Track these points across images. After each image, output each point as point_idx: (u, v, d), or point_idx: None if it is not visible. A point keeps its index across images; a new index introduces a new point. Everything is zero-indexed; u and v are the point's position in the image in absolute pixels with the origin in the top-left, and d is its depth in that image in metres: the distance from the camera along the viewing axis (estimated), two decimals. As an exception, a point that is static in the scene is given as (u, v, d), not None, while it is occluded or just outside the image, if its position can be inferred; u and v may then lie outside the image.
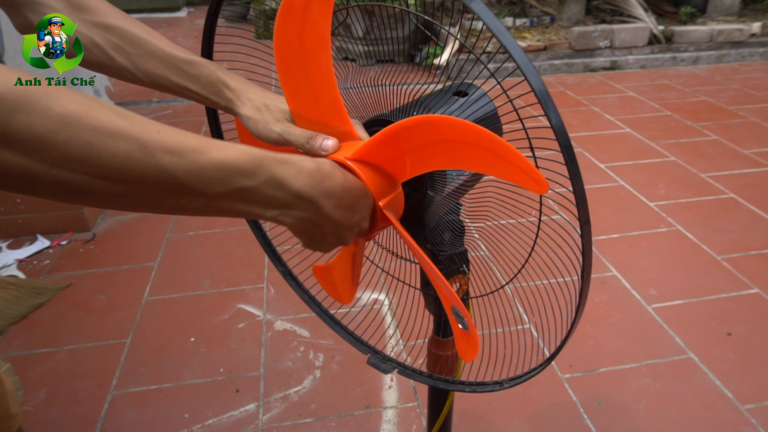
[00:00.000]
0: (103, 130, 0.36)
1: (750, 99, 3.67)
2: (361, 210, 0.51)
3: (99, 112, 0.36)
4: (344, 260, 0.67)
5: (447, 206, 0.64)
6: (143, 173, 0.37)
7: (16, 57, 2.70)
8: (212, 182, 0.40)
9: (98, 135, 0.36)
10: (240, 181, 0.41)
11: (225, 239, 2.27)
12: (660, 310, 1.81)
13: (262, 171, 0.42)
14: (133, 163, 0.37)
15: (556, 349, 0.56)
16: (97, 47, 0.60)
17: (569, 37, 4.41)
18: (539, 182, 0.44)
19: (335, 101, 0.55)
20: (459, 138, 0.47)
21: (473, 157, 0.48)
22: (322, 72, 0.53)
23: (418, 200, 0.61)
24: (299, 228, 0.49)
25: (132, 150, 0.37)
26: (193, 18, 6.93)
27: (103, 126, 0.36)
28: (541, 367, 0.59)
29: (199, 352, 1.69)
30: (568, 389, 1.53)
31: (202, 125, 3.43)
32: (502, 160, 0.46)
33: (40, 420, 1.47)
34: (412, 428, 1.43)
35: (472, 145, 0.47)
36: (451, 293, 0.57)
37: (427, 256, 0.55)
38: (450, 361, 0.77)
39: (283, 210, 0.45)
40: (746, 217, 2.32)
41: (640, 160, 2.86)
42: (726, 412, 1.45)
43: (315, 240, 0.51)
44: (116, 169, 0.37)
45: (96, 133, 0.36)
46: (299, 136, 0.56)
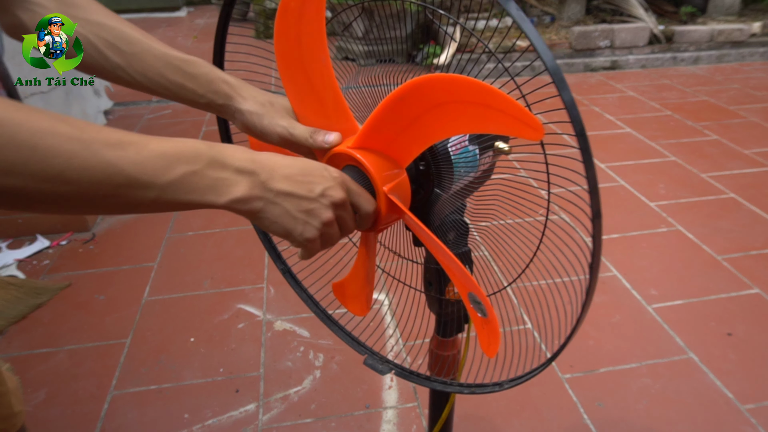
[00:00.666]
0: (45, 132, 0.36)
1: (750, 99, 3.67)
2: (318, 178, 0.50)
3: (39, 117, 0.37)
4: (358, 269, 0.66)
5: (452, 205, 0.63)
6: (90, 169, 0.38)
7: (16, 57, 2.70)
8: (157, 171, 0.41)
9: (40, 137, 0.36)
10: (183, 167, 0.42)
11: (225, 239, 2.27)
12: (660, 310, 1.81)
13: (202, 155, 0.43)
14: (79, 161, 0.37)
15: (558, 349, 0.56)
16: (90, 45, 0.59)
17: (569, 37, 4.41)
18: (535, 127, 0.43)
19: (336, 98, 0.55)
20: (450, 98, 0.46)
21: (467, 116, 0.47)
22: (322, 70, 0.53)
23: (424, 198, 0.60)
24: (260, 215, 0.47)
25: (76, 149, 0.37)
26: (193, 18, 6.93)
27: (44, 129, 0.36)
28: (542, 368, 0.59)
29: (199, 352, 1.69)
30: (568, 389, 1.52)
31: (202, 125, 3.43)
32: (496, 112, 0.44)
33: (40, 420, 1.47)
34: (412, 428, 1.43)
35: (464, 102, 0.46)
36: (467, 278, 0.56)
37: (440, 240, 0.54)
38: (450, 361, 0.76)
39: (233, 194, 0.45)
40: (746, 217, 2.32)
41: (640, 160, 2.86)
42: (726, 412, 1.45)
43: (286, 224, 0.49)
44: (61, 169, 0.37)
45: (37, 136, 0.36)
46: (304, 131, 0.57)
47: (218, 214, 2.44)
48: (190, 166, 0.42)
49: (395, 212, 0.55)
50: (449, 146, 0.58)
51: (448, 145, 0.58)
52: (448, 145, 0.58)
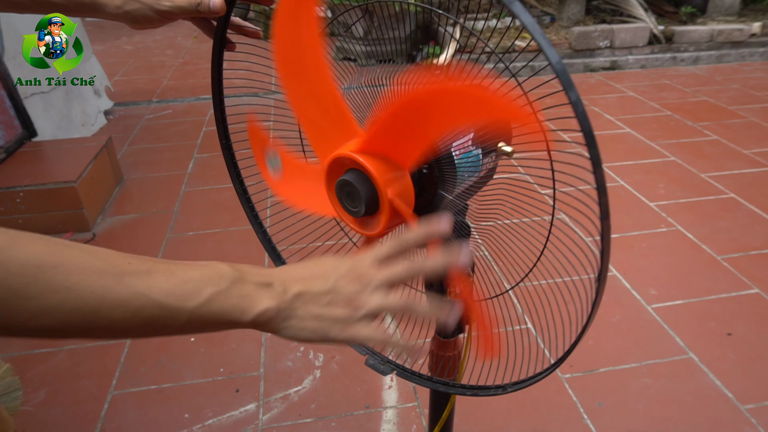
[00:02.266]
0: (80, 271, 0.37)
1: (750, 99, 3.67)
2: (330, 270, 0.48)
3: (72, 256, 0.37)
4: None
5: (456, 207, 0.63)
6: (123, 302, 0.39)
7: (16, 57, 2.70)
8: (187, 295, 0.42)
9: (75, 278, 0.37)
10: (210, 289, 0.43)
11: (225, 239, 2.27)
12: (660, 310, 1.81)
13: (226, 275, 0.44)
14: (113, 296, 0.38)
15: (565, 352, 0.56)
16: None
17: (569, 37, 4.41)
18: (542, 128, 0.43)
19: (336, 100, 0.55)
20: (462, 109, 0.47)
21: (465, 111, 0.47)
22: (320, 72, 0.53)
23: (428, 200, 0.60)
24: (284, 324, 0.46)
25: (109, 284, 0.38)
26: (193, 17, 6.92)
27: (78, 268, 0.37)
28: (546, 372, 0.59)
29: (199, 352, 1.69)
30: (568, 389, 1.52)
31: (202, 126, 3.43)
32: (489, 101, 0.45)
33: (40, 420, 1.47)
34: (412, 428, 1.43)
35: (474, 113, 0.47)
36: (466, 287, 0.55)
37: None
38: (452, 362, 0.76)
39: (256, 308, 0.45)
40: (746, 217, 2.32)
41: (640, 160, 2.86)
42: (726, 412, 1.45)
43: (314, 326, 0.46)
44: (96, 306, 0.38)
45: (73, 277, 0.37)
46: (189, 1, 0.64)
47: (218, 214, 2.44)
48: (216, 287, 0.43)
49: (399, 216, 0.55)
50: (452, 149, 0.58)
51: (451, 148, 0.58)
52: (451, 148, 0.58)
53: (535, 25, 0.40)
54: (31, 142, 2.69)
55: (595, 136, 0.41)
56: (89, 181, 2.36)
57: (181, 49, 5.33)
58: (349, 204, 0.56)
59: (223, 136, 0.78)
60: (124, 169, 2.86)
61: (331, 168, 0.56)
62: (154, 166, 2.93)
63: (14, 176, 2.29)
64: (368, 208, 0.54)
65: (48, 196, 2.25)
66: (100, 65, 3.74)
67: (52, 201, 2.26)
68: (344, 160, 0.55)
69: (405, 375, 0.75)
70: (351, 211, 0.56)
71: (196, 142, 3.21)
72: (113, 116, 3.65)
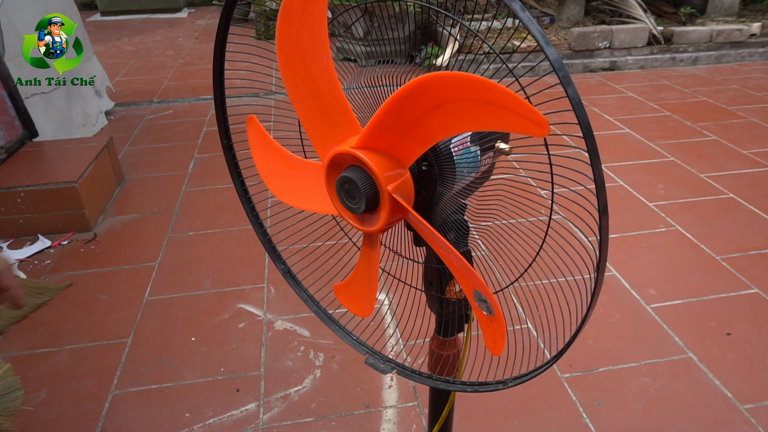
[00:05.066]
0: None
1: (749, 99, 3.68)
2: None
3: None
4: (361, 270, 0.66)
5: (454, 205, 0.64)
6: None
7: (16, 57, 2.70)
8: None
9: None
10: None
11: (225, 239, 2.27)
12: (659, 309, 1.82)
13: None
14: None
15: (564, 346, 0.56)
16: None
17: (568, 38, 4.41)
18: (540, 123, 0.42)
19: (338, 98, 0.55)
20: (454, 96, 0.46)
21: (471, 114, 0.46)
22: (323, 71, 0.54)
23: (427, 197, 0.60)
24: None
25: None
26: (194, 19, 6.93)
27: None
28: (547, 365, 0.59)
29: (200, 351, 1.69)
30: (568, 389, 1.53)
31: (203, 126, 3.43)
32: (500, 109, 0.44)
33: (41, 420, 1.47)
34: (412, 428, 1.44)
35: (467, 100, 0.45)
36: (473, 275, 0.55)
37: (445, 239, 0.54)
38: (451, 360, 0.77)
39: None
40: (745, 217, 2.33)
41: (639, 160, 2.86)
42: (725, 411, 1.45)
43: None
44: None
45: None
46: None
47: (219, 214, 2.44)
48: None
49: (399, 212, 0.55)
50: (451, 146, 0.58)
51: (450, 145, 0.58)
52: (450, 145, 0.58)
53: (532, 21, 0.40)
54: (32, 142, 2.69)
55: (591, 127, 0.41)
56: (90, 181, 2.37)
57: (181, 50, 5.34)
58: (349, 201, 0.56)
59: (225, 136, 0.79)
60: (125, 169, 2.86)
61: (331, 165, 0.57)
62: (155, 166, 2.93)
63: (15, 176, 2.30)
64: (368, 204, 0.54)
65: (49, 196, 2.26)
66: (101, 65, 3.74)
67: (53, 201, 2.26)
68: (345, 157, 0.55)
69: (405, 373, 0.75)
70: (351, 207, 0.57)
71: (196, 142, 3.21)
72: (114, 116, 3.66)
